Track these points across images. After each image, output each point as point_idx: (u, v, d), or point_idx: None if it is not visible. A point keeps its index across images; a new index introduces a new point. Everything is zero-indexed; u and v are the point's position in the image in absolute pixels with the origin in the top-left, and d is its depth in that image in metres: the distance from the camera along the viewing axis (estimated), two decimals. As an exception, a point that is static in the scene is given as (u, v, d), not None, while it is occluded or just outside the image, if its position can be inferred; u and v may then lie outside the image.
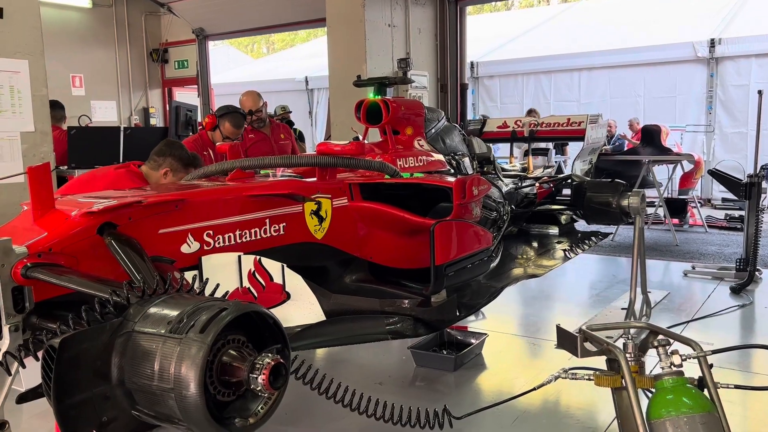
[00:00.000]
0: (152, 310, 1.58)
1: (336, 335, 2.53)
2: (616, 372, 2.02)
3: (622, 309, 5.09)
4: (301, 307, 2.51)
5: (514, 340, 4.61)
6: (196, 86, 10.68)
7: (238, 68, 19.20)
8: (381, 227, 2.87)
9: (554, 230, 4.37)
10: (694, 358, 1.86)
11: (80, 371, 1.51)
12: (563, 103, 12.89)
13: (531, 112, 7.30)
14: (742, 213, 9.48)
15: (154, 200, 2.18)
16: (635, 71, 12.47)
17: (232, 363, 1.51)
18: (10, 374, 1.77)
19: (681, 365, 1.85)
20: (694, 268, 6.31)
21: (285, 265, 2.45)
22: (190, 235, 2.28)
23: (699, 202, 9.83)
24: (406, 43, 7.20)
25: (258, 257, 2.40)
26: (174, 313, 1.55)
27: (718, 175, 6.10)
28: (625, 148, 10.11)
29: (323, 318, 2.52)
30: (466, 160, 3.93)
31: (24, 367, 1.71)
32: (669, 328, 4.76)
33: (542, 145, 7.32)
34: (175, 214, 2.25)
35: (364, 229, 2.87)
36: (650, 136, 8.52)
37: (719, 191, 11.05)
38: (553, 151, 7.56)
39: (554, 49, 13.23)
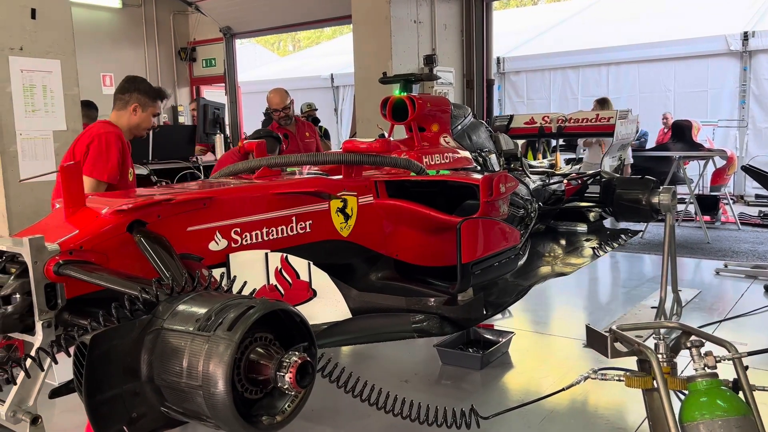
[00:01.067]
0: (181, 307, 1.60)
1: (362, 333, 2.52)
2: (647, 373, 1.98)
3: (652, 308, 5.02)
4: (327, 304, 2.51)
5: (541, 338, 4.57)
6: (223, 84, 10.76)
7: (265, 66, 19.32)
8: (407, 225, 2.86)
9: (583, 228, 4.32)
10: (728, 359, 1.82)
11: (110, 367, 1.53)
12: (591, 98, 12.67)
13: (603, 103, 6.92)
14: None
15: (183, 198, 2.19)
16: (665, 65, 12.25)
17: (260, 361, 1.51)
18: (42, 369, 1.80)
19: (715, 367, 1.81)
20: (726, 266, 6.19)
21: (311, 263, 2.45)
22: (218, 233, 2.30)
23: (732, 199, 9.63)
24: (431, 39, 7.16)
25: (285, 255, 2.41)
26: (202, 310, 1.56)
27: (751, 171, 5.97)
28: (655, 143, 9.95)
29: (349, 315, 2.52)
30: (493, 156, 3.90)
31: (56, 362, 1.73)
32: (700, 328, 4.70)
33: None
34: (204, 211, 2.26)
35: (389, 227, 2.86)
36: (681, 131, 8.37)
37: (753, 188, 10.80)
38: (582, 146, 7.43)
39: (581, 43, 13.07)
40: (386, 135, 3.59)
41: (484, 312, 2.62)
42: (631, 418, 3.19)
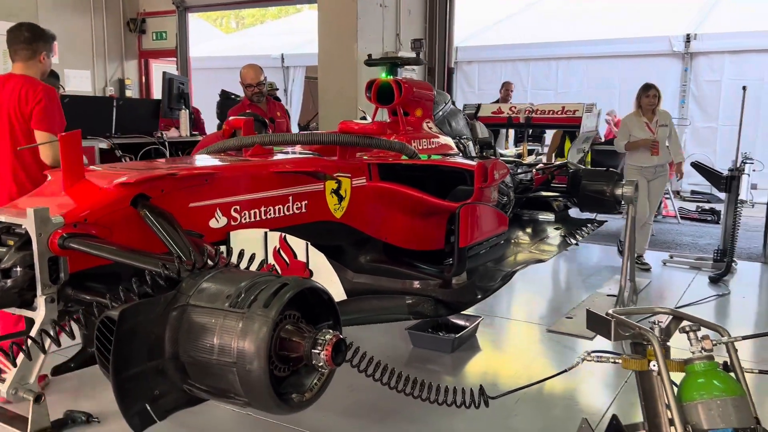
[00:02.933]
0: (207, 284, 1.57)
1: (358, 314, 2.54)
2: (642, 355, 2.07)
3: (608, 295, 5.22)
4: (323, 285, 2.51)
5: (505, 323, 4.68)
6: (174, 59, 10.44)
7: (208, 42, 18.79)
8: (398, 208, 2.87)
9: (550, 216, 4.44)
10: (724, 343, 1.92)
11: (136, 344, 1.49)
12: (540, 91, 12.97)
13: (506, 85, 7.61)
14: (713, 205, 9.81)
15: (187, 173, 2.14)
16: (612, 63, 12.62)
17: (291, 338, 1.50)
18: (45, 353, 1.72)
19: (711, 350, 1.90)
20: (672, 257, 6.48)
21: (309, 243, 2.44)
22: (218, 210, 2.26)
23: (671, 194, 10.07)
24: (396, 23, 7.17)
25: (283, 234, 2.39)
26: (231, 287, 1.54)
27: (700, 168, 6.25)
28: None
29: (344, 297, 2.52)
30: (470, 144, 3.95)
31: (59, 345, 1.67)
32: (648, 316, 4.93)
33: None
34: (205, 188, 2.21)
35: (381, 210, 2.87)
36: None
37: (688, 183, 11.33)
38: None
39: (533, 37, 13.30)
40: (368, 118, 3.57)
41: (477, 296, 2.67)
42: (600, 400, 3.32)
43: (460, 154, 3.61)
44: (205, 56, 14.89)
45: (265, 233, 2.33)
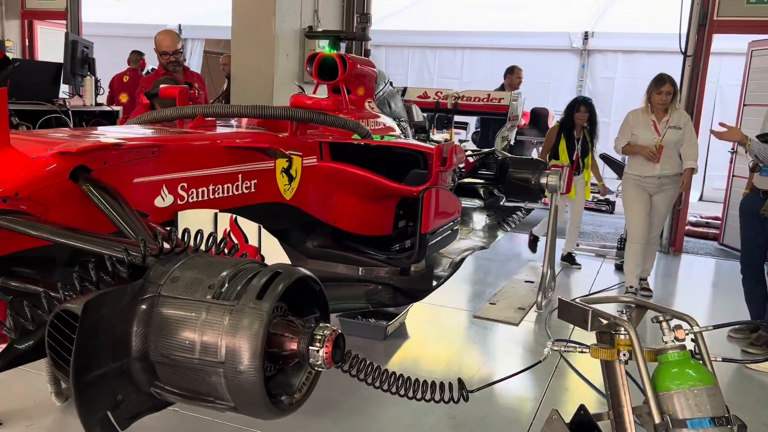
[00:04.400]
0: (180, 272, 1.36)
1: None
2: (609, 345, 2.06)
3: (526, 281, 5.34)
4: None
5: (432, 309, 4.65)
6: (64, 22, 9.56)
7: (97, 8, 17.50)
8: (349, 191, 2.72)
9: (478, 203, 4.43)
10: (695, 332, 1.94)
11: (99, 342, 1.27)
12: (446, 80, 13.11)
13: (513, 70, 7.63)
14: (608, 196, 10.34)
15: (133, 144, 1.88)
16: (515, 55, 12.91)
17: (283, 334, 1.33)
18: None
19: (684, 339, 1.92)
20: (578, 245, 6.73)
21: (261, 226, 2.24)
22: (165, 187, 2.01)
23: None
24: (314, 0, 6.93)
25: (234, 216, 2.17)
26: (211, 276, 1.34)
27: (607, 159, 6.52)
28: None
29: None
30: (408, 127, 3.85)
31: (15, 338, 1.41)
32: (573, 300, 5.08)
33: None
34: (152, 161, 1.96)
35: (330, 192, 2.71)
36: (537, 118, 8.92)
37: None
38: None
39: (440, 24, 13.40)
40: (305, 93, 3.38)
41: (433, 284, 2.58)
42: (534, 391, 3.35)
43: (402, 137, 3.50)
44: (95, 22, 13.85)
45: (215, 214, 2.11)
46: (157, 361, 1.32)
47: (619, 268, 5.93)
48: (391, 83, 3.97)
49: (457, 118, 5.38)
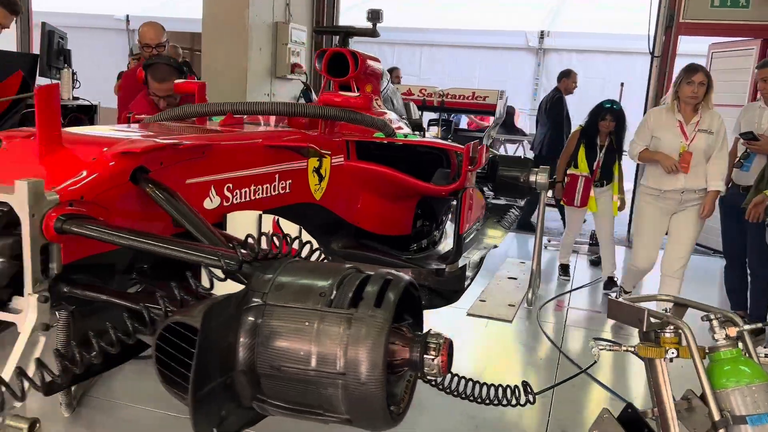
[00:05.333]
0: (284, 279, 1.30)
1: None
2: (655, 343, 2.09)
3: (509, 278, 5.40)
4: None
5: (422, 307, 4.64)
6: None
7: (42, -3, 16.75)
8: (375, 190, 2.68)
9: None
10: (744, 330, 1.98)
11: (211, 355, 1.20)
12: (405, 77, 13.13)
13: (569, 74, 7.32)
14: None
15: (190, 143, 1.79)
16: (473, 53, 13.10)
17: (395, 342, 1.30)
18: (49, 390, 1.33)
19: (735, 337, 1.96)
20: (549, 241, 6.86)
21: (302, 228, 2.18)
22: (213, 188, 1.93)
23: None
24: (286, -7, 6.82)
25: (276, 218, 2.11)
26: (319, 283, 1.29)
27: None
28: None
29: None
30: (407, 124, 3.82)
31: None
32: (558, 296, 5.18)
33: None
34: (202, 162, 1.88)
35: (356, 192, 2.66)
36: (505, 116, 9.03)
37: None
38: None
39: (399, 21, 13.37)
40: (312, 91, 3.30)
41: (466, 285, 2.57)
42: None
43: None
44: (41, 11, 13.24)
45: (260, 216, 2.04)
46: (265, 374, 1.26)
47: (594, 263, 6.07)
48: (390, 81, 3.93)
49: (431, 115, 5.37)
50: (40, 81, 4.44)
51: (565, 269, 5.68)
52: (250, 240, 1.38)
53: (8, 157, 1.60)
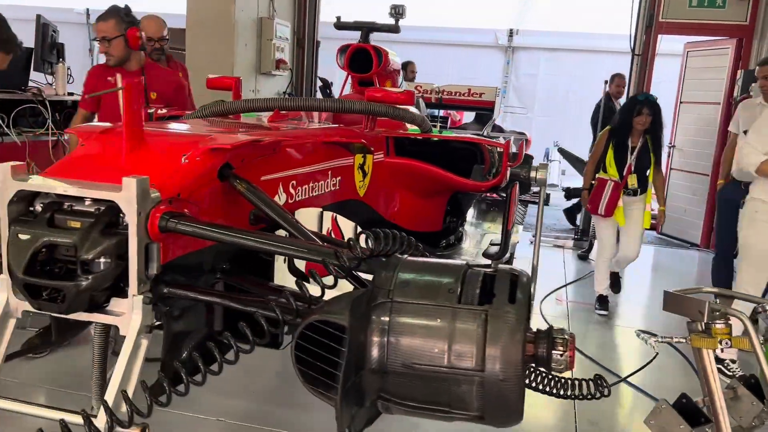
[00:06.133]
0: (406, 276, 1.29)
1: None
2: (708, 334, 2.15)
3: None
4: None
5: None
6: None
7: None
8: (412, 186, 2.68)
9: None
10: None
11: (350, 354, 1.18)
12: (376, 73, 13.11)
13: (408, 65, 7.14)
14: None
15: (271, 139, 1.76)
16: (443, 51, 13.18)
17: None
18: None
19: (788, 325, 2.03)
20: (534, 236, 6.95)
21: (357, 226, 2.16)
22: (281, 185, 1.90)
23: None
24: (270, -11, 6.73)
25: (334, 214, 2.09)
26: (444, 279, 1.28)
27: (565, 153, 6.78)
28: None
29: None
30: (421, 121, 3.82)
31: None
32: (555, 291, 5.24)
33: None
34: (273, 158, 1.85)
35: (394, 188, 2.65)
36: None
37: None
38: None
39: (370, 17, 13.33)
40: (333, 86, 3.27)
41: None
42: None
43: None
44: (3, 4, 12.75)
45: (321, 213, 2.02)
46: (395, 372, 1.24)
47: (582, 258, 6.19)
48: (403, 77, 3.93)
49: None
50: (34, 76, 4.27)
51: (603, 302, 4.66)
52: (352, 239, 1.36)
53: (90, 154, 1.54)
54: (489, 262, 1.37)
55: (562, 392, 1.82)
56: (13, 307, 1.40)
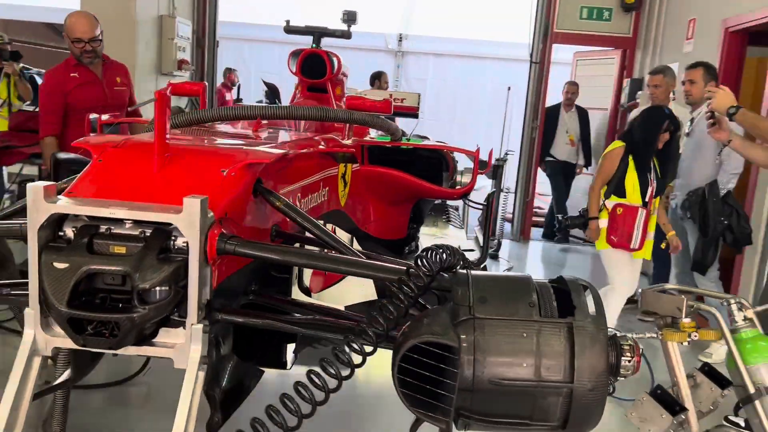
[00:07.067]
0: (479, 291, 1.29)
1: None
2: (674, 328, 2.31)
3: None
4: (356, 282, 2.20)
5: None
6: None
7: None
8: (383, 195, 2.66)
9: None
10: (757, 312, 2.26)
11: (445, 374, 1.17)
12: (266, 74, 12.86)
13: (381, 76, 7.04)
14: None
15: (294, 152, 1.68)
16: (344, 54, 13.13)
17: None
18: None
19: (753, 318, 2.23)
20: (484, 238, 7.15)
21: (353, 238, 2.13)
22: (290, 198, 1.82)
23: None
24: (171, -14, 6.38)
25: (334, 227, 2.04)
26: (517, 293, 1.29)
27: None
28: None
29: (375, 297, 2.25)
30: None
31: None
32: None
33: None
34: (283, 171, 1.77)
35: (367, 196, 2.62)
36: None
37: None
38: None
39: (261, 18, 13.08)
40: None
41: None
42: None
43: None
44: None
45: (333, 228, 1.97)
46: (482, 389, 1.23)
47: (493, 257, 6.44)
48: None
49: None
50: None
51: None
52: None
53: (112, 170, 1.39)
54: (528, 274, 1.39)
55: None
56: (41, 345, 1.24)
